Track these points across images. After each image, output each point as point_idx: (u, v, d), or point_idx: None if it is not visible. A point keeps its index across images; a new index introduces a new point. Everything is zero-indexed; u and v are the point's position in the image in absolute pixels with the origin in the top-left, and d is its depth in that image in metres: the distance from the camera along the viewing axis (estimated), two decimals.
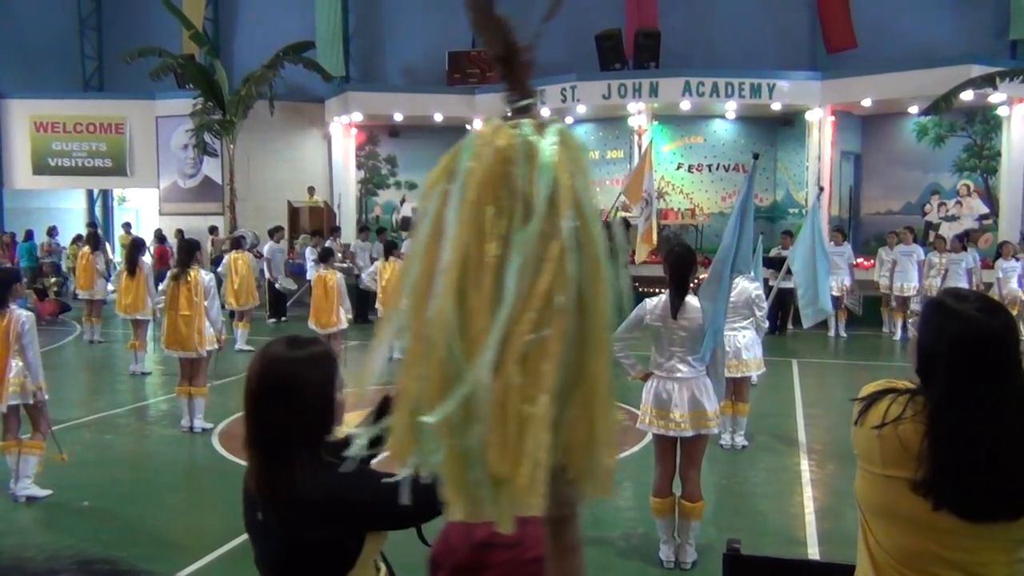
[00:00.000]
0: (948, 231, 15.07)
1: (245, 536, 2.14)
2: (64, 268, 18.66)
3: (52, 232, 19.47)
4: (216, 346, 8.23)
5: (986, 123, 15.55)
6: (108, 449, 7.61)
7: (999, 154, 15.42)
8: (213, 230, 18.60)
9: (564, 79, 16.46)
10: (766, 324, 7.40)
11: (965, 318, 1.86)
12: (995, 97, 14.38)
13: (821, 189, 13.05)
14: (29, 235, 19.05)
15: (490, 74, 19.05)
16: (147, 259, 12.40)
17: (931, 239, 15.20)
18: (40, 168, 20.74)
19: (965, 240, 13.74)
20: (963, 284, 12.93)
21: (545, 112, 16.89)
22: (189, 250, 8.14)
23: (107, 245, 16.25)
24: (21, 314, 6.00)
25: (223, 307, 13.38)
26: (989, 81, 13.36)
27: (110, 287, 13.55)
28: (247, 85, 17.66)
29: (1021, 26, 15.81)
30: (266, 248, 15.08)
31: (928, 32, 16.44)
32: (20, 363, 5.92)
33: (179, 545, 5.45)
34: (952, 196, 16.01)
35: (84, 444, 7.66)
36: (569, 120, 18.16)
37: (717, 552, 3.67)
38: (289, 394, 1.99)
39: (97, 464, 7.12)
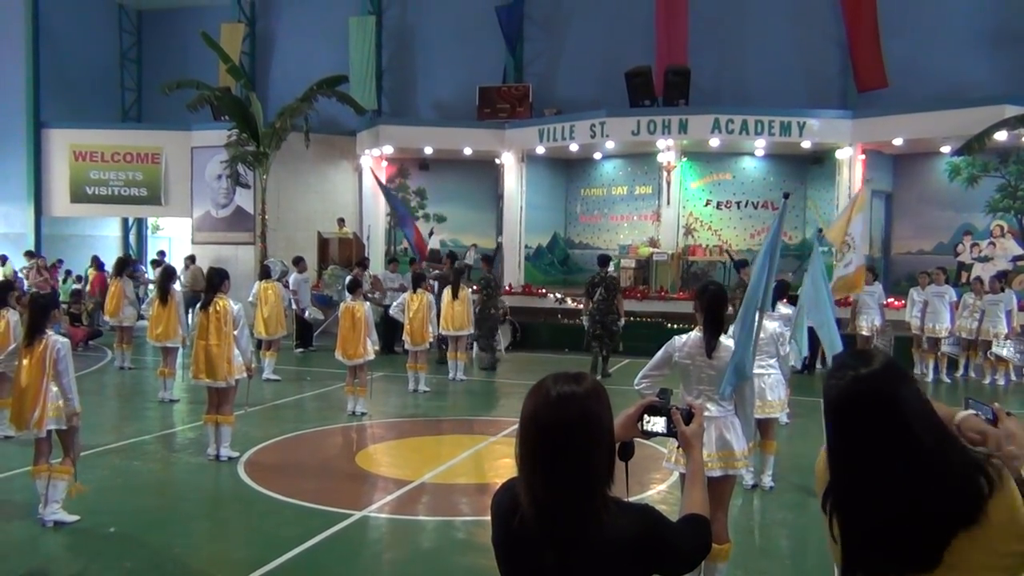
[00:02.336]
0: (982, 272, 14.87)
1: (270, 567, 2.14)
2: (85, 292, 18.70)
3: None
4: (245, 375, 8.29)
5: (1020, 163, 15.40)
6: (135, 476, 7.66)
7: None
8: (192, 259, 18.70)
9: (594, 115, 16.59)
10: (791, 362, 7.30)
11: (831, 385, 1.87)
12: None
13: (820, 231, 12.91)
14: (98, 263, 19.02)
15: (519, 109, 19.25)
16: (178, 287, 12.57)
17: (964, 280, 15.03)
18: (78, 196, 21.16)
19: (1003, 281, 13.56)
20: (1002, 325, 12.76)
21: (574, 147, 17.03)
22: (216, 280, 8.20)
23: (141, 270, 16.43)
24: (57, 340, 6.11)
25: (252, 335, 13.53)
26: (1022, 122, 13.27)
27: (143, 311, 13.70)
28: (282, 118, 17.96)
29: None
30: (291, 279, 15.21)
31: (960, 72, 16.37)
32: (56, 388, 6.02)
33: (203, 574, 5.46)
34: (985, 236, 15.83)
35: (112, 470, 7.73)
36: (598, 155, 18.29)
37: None
38: (590, 431, 1.96)
39: (124, 490, 7.17)
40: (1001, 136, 13.66)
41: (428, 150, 18.49)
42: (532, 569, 2.00)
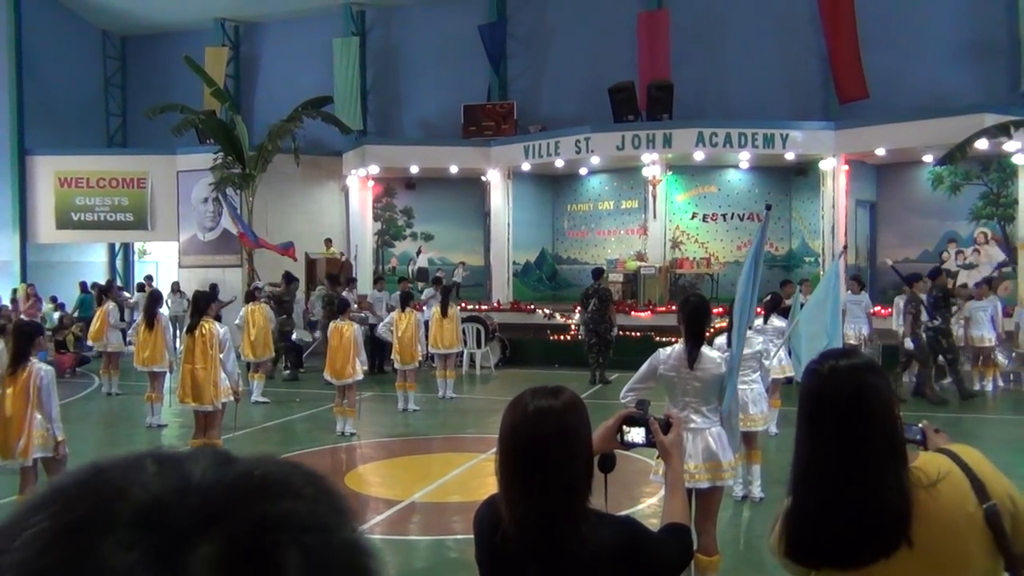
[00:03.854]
0: (967, 279, 14.97)
1: None
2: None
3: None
4: (232, 398, 8.25)
5: (1002, 171, 15.53)
6: None
7: (1016, 201, 15.36)
8: (175, 287, 18.65)
9: (579, 131, 16.67)
10: (790, 372, 7.33)
11: (812, 371, 1.92)
12: (1009, 146, 14.36)
13: (845, 248, 13.02)
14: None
15: (504, 126, 19.34)
16: (164, 311, 12.52)
17: (951, 287, 15.10)
18: (63, 222, 21.10)
19: (989, 287, 13.63)
20: (987, 330, 12.82)
21: (559, 163, 17.11)
22: (203, 303, 8.18)
23: (124, 296, 16.33)
24: (41, 368, 6.07)
25: (239, 358, 13.46)
26: (1003, 130, 13.38)
27: (130, 336, 13.63)
28: (272, 139, 18.00)
29: None
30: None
31: (940, 82, 16.52)
32: (40, 416, 5.98)
33: None
34: (969, 244, 15.94)
35: None
36: (583, 171, 18.37)
37: None
38: (568, 445, 1.97)
39: None
40: (982, 144, 13.77)
41: (414, 169, 18.52)
42: None
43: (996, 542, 1.76)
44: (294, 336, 15.50)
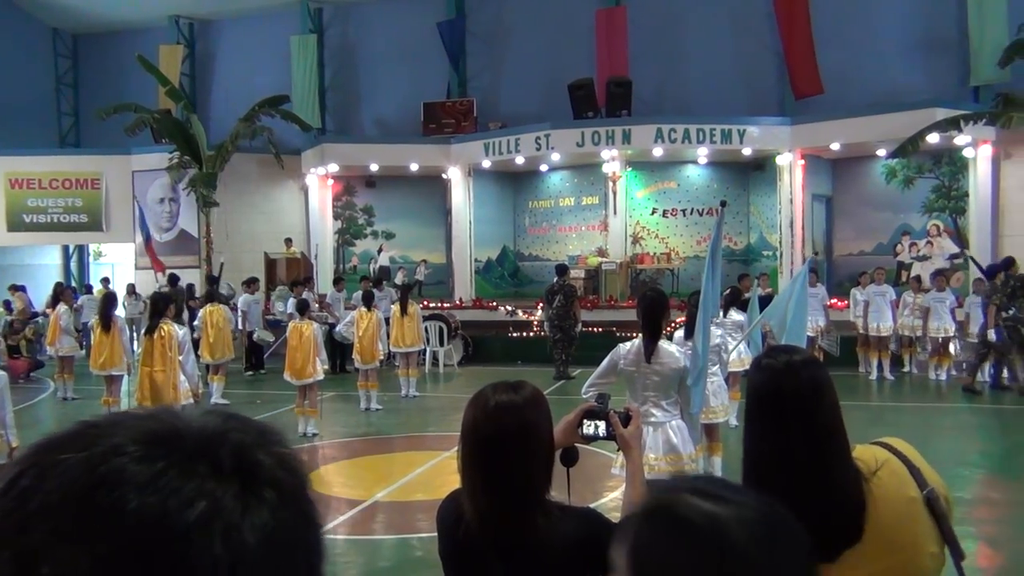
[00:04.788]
0: (921, 270, 15.27)
1: None
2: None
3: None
4: (192, 400, 8.14)
5: (953, 165, 15.87)
6: None
7: (966, 194, 15.71)
8: (131, 289, 18.33)
9: (539, 128, 16.70)
10: (729, 369, 7.42)
11: (764, 365, 1.93)
12: (960, 139, 14.71)
13: (816, 254, 13.14)
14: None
15: (464, 123, 19.30)
16: (121, 313, 12.30)
17: (904, 279, 15.41)
18: (15, 225, 20.64)
19: (944, 278, 13.91)
20: (947, 321, 13.08)
21: (520, 160, 17.13)
22: (161, 305, 8.06)
23: (77, 299, 15.96)
24: None
25: (198, 360, 13.28)
26: (953, 124, 13.68)
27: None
28: (234, 139, 17.79)
29: (980, 73, 16.24)
30: (241, 300, 15.02)
31: (892, 78, 16.84)
32: None
33: None
34: (922, 236, 16.26)
35: None
36: (544, 168, 18.41)
37: None
38: (528, 440, 1.98)
39: None
40: (933, 138, 14.07)
41: (374, 167, 18.42)
42: None
43: (938, 526, 1.80)
44: (255, 336, 15.36)
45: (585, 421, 2.27)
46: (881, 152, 16.00)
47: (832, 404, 1.86)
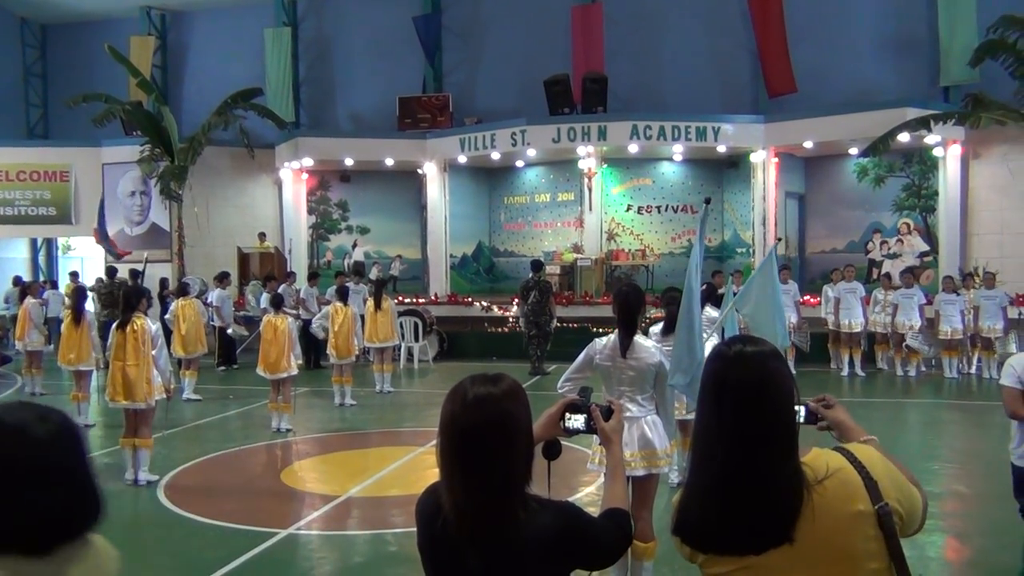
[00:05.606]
0: (891, 268, 15.45)
1: None
2: None
3: None
4: (164, 395, 8.05)
5: (923, 163, 16.07)
6: None
7: (936, 193, 15.92)
8: (74, 276, 17.93)
9: (515, 123, 16.68)
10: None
11: (718, 353, 1.89)
12: (930, 139, 14.90)
13: (779, 240, 13.33)
14: None
15: (440, 118, 19.23)
16: (90, 307, 12.14)
17: (876, 276, 15.58)
18: None
19: (913, 276, 14.10)
20: (916, 318, 13.25)
21: (496, 156, 17.10)
22: (134, 299, 7.94)
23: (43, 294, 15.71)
24: None
25: (170, 355, 13.12)
26: (924, 124, 13.85)
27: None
28: (205, 132, 17.59)
29: (950, 74, 16.44)
30: (214, 295, 14.88)
31: (864, 77, 17.00)
32: None
33: None
34: (893, 234, 16.46)
35: None
36: (520, 163, 18.40)
37: None
38: (507, 432, 1.97)
39: None
40: (904, 138, 14.25)
41: (349, 161, 18.31)
42: (456, 571, 2.01)
43: (886, 542, 1.73)
44: (229, 331, 15.23)
45: (567, 415, 2.27)
46: (853, 151, 16.17)
47: (780, 403, 1.79)
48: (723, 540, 1.78)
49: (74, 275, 18.79)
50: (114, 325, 7.90)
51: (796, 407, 1.86)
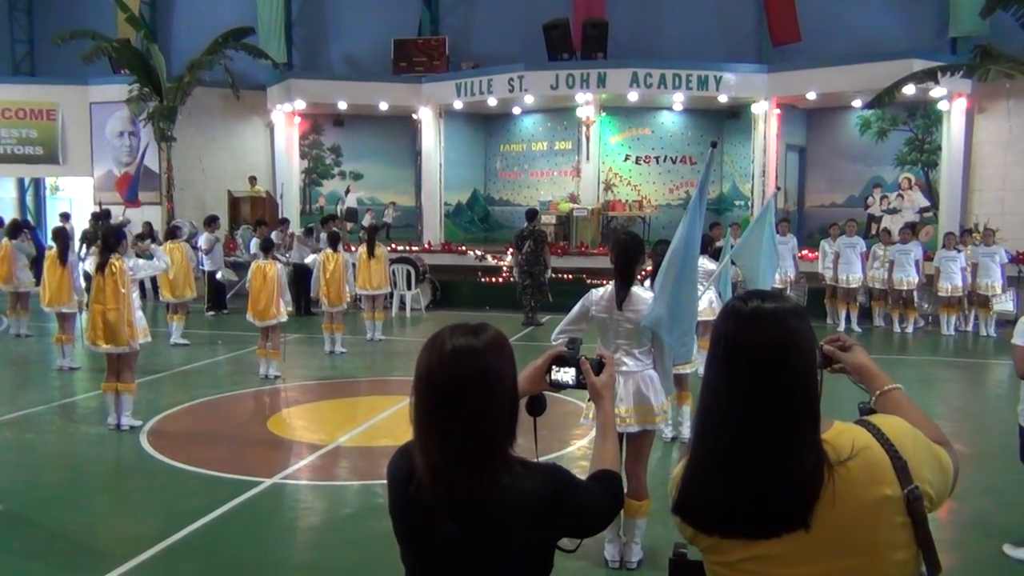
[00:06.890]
0: (891, 223, 15.25)
1: (172, 540, 1.91)
2: None
3: None
4: (148, 339, 7.88)
5: (927, 117, 15.77)
6: (28, 449, 7.22)
7: (939, 148, 15.65)
8: (64, 216, 17.41)
9: (512, 69, 16.27)
10: (699, 317, 7.33)
11: (732, 308, 1.66)
12: (936, 92, 14.57)
13: (779, 188, 13.14)
14: None
15: (436, 62, 18.78)
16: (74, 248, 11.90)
17: (875, 231, 15.39)
18: None
19: (912, 231, 13.95)
20: (912, 274, 13.12)
21: (492, 102, 16.72)
22: (112, 240, 7.70)
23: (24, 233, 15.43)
24: None
25: (158, 299, 12.98)
26: (930, 76, 13.54)
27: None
28: (192, 71, 17.16)
29: (959, 24, 16.05)
30: (203, 239, 14.63)
31: (871, 27, 16.61)
32: None
33: (100, 551, 5.13)
34: (894, 189, 16.22)
35: (2, 444, 7.27)
36: (517, 110, 18.02)
37: (664, 551, 3.52)
38: (488, 388, 1.78)
39: (16, 465, 6.75)
40: (909, 90, 13.93)
41: (342, 105, 17.90)
42: (431, 537, 1.84)
43: (914, 529, 1.55)
44: (218, 275, 15.03)
45: (554, 367, 2.08)
46: (856, 103, 15.85)
47: (803, 368, 1.58)
48: (730, 521, 1.58)
49: (64, 216, 18.48)
50: (93, 268, 7.66)
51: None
